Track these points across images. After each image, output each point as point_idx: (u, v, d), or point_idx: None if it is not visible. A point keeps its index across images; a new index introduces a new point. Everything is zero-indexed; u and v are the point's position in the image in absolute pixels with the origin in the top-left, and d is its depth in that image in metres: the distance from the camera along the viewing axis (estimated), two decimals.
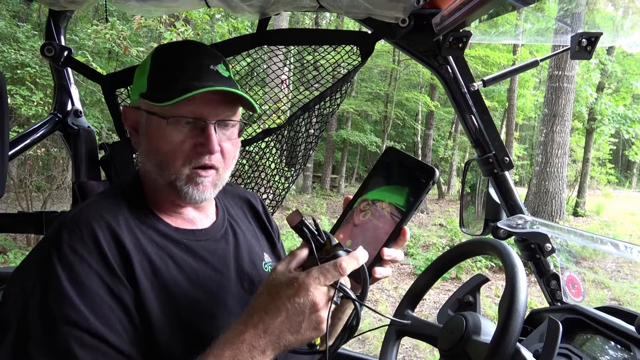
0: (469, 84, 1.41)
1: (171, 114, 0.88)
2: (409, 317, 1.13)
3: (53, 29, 1.54)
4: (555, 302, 1.45)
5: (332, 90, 1.53)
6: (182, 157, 0.89)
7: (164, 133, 0.88)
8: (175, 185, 0.90)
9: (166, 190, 0.93)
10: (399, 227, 0.84)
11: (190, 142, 0.89)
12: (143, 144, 0.94)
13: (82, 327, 0.74)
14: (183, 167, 0.90)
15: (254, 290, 1.00)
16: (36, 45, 7.96)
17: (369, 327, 4.78)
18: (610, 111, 13.69)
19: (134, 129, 0.97)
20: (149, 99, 0.90)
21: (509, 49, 13.94)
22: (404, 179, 0.87)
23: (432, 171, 0.84)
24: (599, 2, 2.19)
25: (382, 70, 18.30)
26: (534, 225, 1.34)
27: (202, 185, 0.91)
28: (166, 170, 0.90)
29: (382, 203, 0.87)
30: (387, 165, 0.90)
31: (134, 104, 0.96)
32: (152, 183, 0.95)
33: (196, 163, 0.90)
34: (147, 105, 0.91)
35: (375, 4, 1.24)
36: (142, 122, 0.93)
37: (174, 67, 0.91)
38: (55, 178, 6.89)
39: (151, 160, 0.92)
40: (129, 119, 0.97)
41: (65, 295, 0.75)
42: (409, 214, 0.84)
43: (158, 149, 0.90)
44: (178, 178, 0.90)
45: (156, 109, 0.89)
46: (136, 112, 0.95)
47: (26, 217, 1.61)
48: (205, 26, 7.46)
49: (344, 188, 16.74)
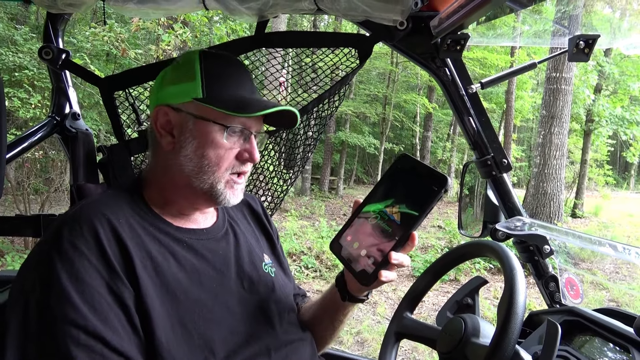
0: (467, 86, 1.42)
1: (229, 123, 0.93)
2: (408, 320, 1.13)
3: (51, 31, 1.54)
4: (554, 304, 1.45)
5: (331, 93, 1.53)
6: (228, 162, 0.95)
7: (218, 139, 0.93)
8: (215, 189, 0.94)
9: (197, 193, 0.95)
10: (407, 233, 0.85)
11: (236, 150, 0.95)
12: (186, 146, 0.94)
13: (79, 325, 0.74)
14: (226, 171, 0.95)
15: (254, 291, 1.00)
16: (34, 47, 7.95)
17: (368, 329, 4.78)
18: (607, 113, 13.72)
19: (167, 131, 0.96)
20: (212, 105, 0.92)
21: (507, 51, 13.99)
22: (416, 185, 0.88)
23: (444, 179, 0.85)
24: (597, 5, 2.19)
25: (380, 72, 18.33)
26: (532, 227, 1.34)
27: (237, 190, 0.98)
28: (209, 174, 0.94)
29: (393, 208, 0.88)
30: (400, 171, 0.92)
31: (174, 105, 0.95)
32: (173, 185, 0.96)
33: (237, 169, 0.97)
34: (203, 110, 0.93)
35: (373, 6, 1.24)
36: (186, 125, 0.94)
37: (231, 79, 0.97)
38: (53, 181, 6.87)
39: (193, 162, 0.94)
40: (163, 120, 0.97)
41: (64, 292, 0.75)
42: (419, 220, 0.85)
43: (207, 153, 0.93)
44: (218, 182, 0.94)
45: (214, 116, 0.92)
46: (177, 114, 0.95)
47: (24, 220, 1.60)
48: (203, 28, 7.46)
49: (343, 190, 16.74)
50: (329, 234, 8.30)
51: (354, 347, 4.49)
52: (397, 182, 0.92)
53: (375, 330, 4.80)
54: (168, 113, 0.96)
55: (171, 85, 0.97)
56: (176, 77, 0.97)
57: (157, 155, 1.00)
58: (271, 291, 1.04)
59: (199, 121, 0.93)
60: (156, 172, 0.99)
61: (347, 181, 19.89)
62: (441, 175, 0.86)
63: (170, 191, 0.97)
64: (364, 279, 0.88)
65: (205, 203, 0.99)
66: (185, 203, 0.98)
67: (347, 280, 1.07)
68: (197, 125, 0.93)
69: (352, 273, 0.90)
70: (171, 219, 0.96)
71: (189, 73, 0.96)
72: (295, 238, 7.93)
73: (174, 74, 0.98)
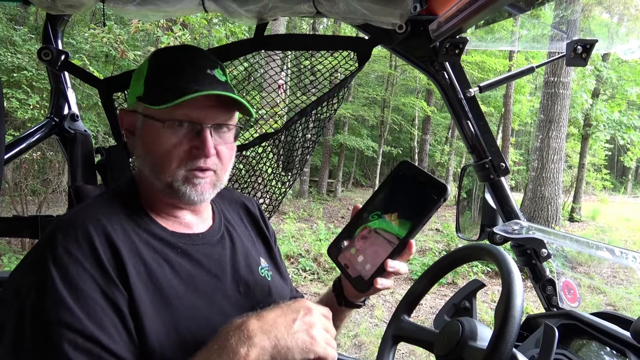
0: (465, 90, 1.42)
1: (167, 117, 0.88)
2: (406, 323, 1.13)
3: (50, 32, 1.54)
4: (552, 308, 1.45)
5: (329, 95, 1.53)
6: (177, 159, 0.90)
7: (159, 136, 0.89)
8: (173, 186, 0.91)
9: (164, 192, 0.93)
10: (405, 241, 0.85)
11: (186, 145, 0.90)
12: (139, 147, 0.94)
13: (76, 329, 0.74)
14: (178, 169, 0.90)
15: (250, 295, 0.99)
16: (33, 48, 7.95)
17: (366, 332, 4.77)
18: (605, 117, 13.77)
19: (130, 132, 0.97)
20: (146, 102, 0.91)
21: (505, 55, 14.02)
22: (416, 193, 0.88)
23: (443, 188, 0.85)
24: (595, 10, 2.21)
25: (379, 75, 18.38)
26: (530, 231, 1.34)
27: (199, 185, 0.92)
28: (162, 173, 0.91)
29: (391, 215, 0.88)
30: (400, 178, 0.92)
31: (131, 107, 0.97)
32: (149, 186, 0.95)
33: (191, 165, 0.91)
34: (144, 108, 0.92)
35: (372, 10, 1.25)
36: (138, 125, 0.94)
37: (171, 70, 0.92)
38: (51, 182, 6.86)
39: (147, 163, 0.93)
40: (126, 122, 0.98)
41: (59, 297, 0.75)
42: (417, 228, 0.85)
43: (153, 151, 0.91)
44: (175, 180, 0.91)
45: (152, 112, 0.90)
46: (133, 115, 0.96)
47: (21, 221, 1.59)
48: (202, 30, 7.47)
49: (341, 193, 16.74)
50: (327, 237, 8.30)
51: (351, 350, 4.48)
52: (397, 189, 0.91)
53: (373, 333, 4.80)
54: (126, 116, 0.97)
55: (131, 87, 0.99)
56: (134, 79, 0.98)
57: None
58: (267, 295, 1.03)
59: (145, 120, 0.92)
60: (139, 176, 0.99)
61: (346, 184, 19.90)
62: (441, 184, 0.85)
63: (150, 192, 0.96)
64: (360, 285, 0.88)
65: (177, 202, 0.96)
66: (166, 204, 0.97)
67: (344, 285, 1.07)
68: (143, 124, 0.93)
69: (349, 279, 0.90)
70: (165, 223, 0.95)
71: (140, 72, 0.96)
72: (293, 241, 7.92)
73: (134, 76, 0.99)
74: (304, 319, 0.78)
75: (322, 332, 0.79)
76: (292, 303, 0.81)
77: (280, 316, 0.77)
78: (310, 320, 0.78)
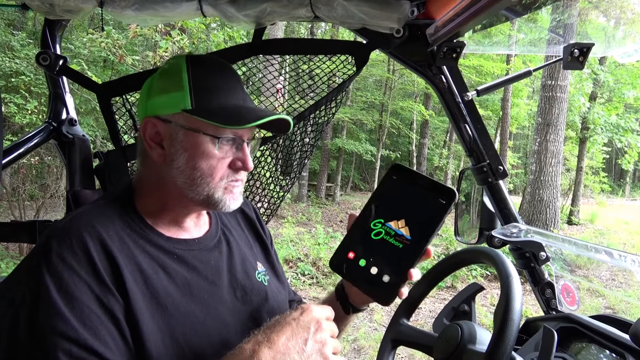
0: (462, 94, 1.43)
1: (222, 134, 0.91)
2: (404, 326, 1.13)
3: (49, 37, 1.54)
4: (550, 311, 1.45)
5: (327, 99, 1.53)
6: (221, 172, 0.93)
7: (210, 150, 0.91)
8: (214, 197, 0.93)
9: (192, 202, 0.94)
10: (423, 248, 0.84)
11: (229, 159, 0.94)
12: (177, 159, 0.92)
13: (71, 338, 0.73)
14: (221, 181, 0.93)
15: (247, 300, 0.99)
16: (31, 53, 7.96)
17: (365, 337, 4.76)
18: (603, 120, 13.80)
19: (156, 143, 0.94)
20: (202, 117, 0.89)
21: (503, 59, 14.07)
22: (421, 198, 0.86)
23: (452, 193, 0.84)
24: (592, 14, 2.22)
25: (377, 79, 18.42)
26: (528, 234, 1.34)
27: (236, 194, 0.96)
28: (203, 185, 0.92)
29: (398, 222, 0.86)
30: (397, 183, 0.90)
31: (163, 116, 0.93)
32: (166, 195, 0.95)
33: (232, 177, 0.95)
34: (193, 121, 0.90)
35: (370, 14, 1.25)
36: (176, 137, 0.92)
37: (220, 87, 0.95)
38: (49, 187, 6.84)
39: (185, 175, 0.92)
40: (152, 131, 0.94)
41: (54, 306, 0.74)
42: (432, 235, 0.84)
43: (199, 164, 0.91)
44: (215, 191, 0.93)
45: (205, 127, 0.90)
46: (166, 125, 0.92)
47: (19, 226, 1.59)
48: (201, 35, 7.48)
49: (339, 197, 16.74)
50: (326, 241, 8.29)
51: (351, 354, 4.47)
52: (396, 194, 0.89)
53: (372, 337, 4.79)
54: (157, 125, 0.93)
55: (158, 95, 0.94)
56: (163, 86, 0.94)
57: (148, 167, 0.98)
58: (264, 300, 1.03)
59: (189, 132, 0.91)
60: (149, 182, 0.97)
61: (344, 188, 19.88)
62: (448, 188, 0.84)
63: (165, 200, 0.95)
64: (383, 298, 0.85)
65: (203, 209, 1.00)
66: (183, 210, 0.97)
67: (348, 293, 1.07)
68: (187, 136, 0.91)
69: (364, 291, 0.88)
70: (163, 229, 0.94)
71: (176, 82, 0.93)
72: (291, 245, 7.92)
73: (161, 83, 0.95)
74: (315, 336, 0.78)
75: (331, 346, 0.79)
76: (300, 316, 0.79)
77: (291, 339, 0.76)
78: (321, 338, 0.78)
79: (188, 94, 0.92)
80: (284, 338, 0.76)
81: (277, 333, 0.77)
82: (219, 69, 0.98)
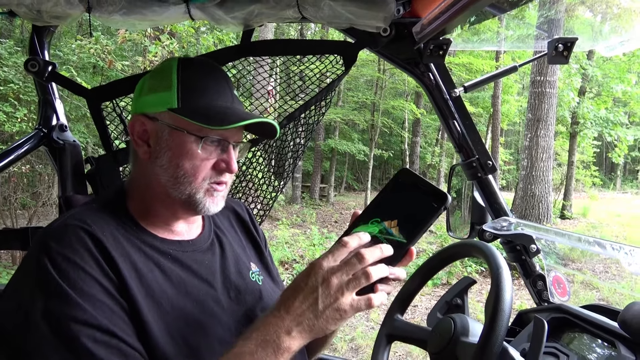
0: (450, 90, 1.44)
1: (206, 134, 0.91)
2: (399, 322, 1.14)
3: (37, 44, 1.54)
4: (542, 302, 1.47)
5: (317, 99, 1.54)
6: (204, 173, 0.93)
7: (193, 150, 0.91)
8: (194, 198, 0.93)
9: (175, 202, 0.95)
10: (406, 248, 0.85)
11: (213, 160, 0.94)
12: (162, 157, 0.93)
13: (92, 324, 0.75)
14: (203, 181, 0.94)
15: (241, 300, 1.00)
16: (19, 61, 7.88)
17: (362, 336, 4.77)
18: (592, 115, 13.92)
19: (143, 140, 0.96)
20: (186, 116, 0.90)
21: (492, 56, 14.16)
22: (416, 201, 0.87)
23: (444, 196, 0.85)
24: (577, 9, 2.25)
25: (368, 79, 18.45)
26: (518, 227, 1.36)
27: (217, 197, 0.96)
28: (185, 185, 0.92)
29: (392, 222, 0.87)
30: (400, 186, 0.91)
31: (150, 114, 0.95)
32: (152, 195, 0.96)
33: (215, 179, 0.95)
34: (178, 120, 0.91)
35: (356, 14, 1.26)
36: (161, 135, 0.93)
37: (208, 88, 0.96)
38: (41, 195, 6.79)
39: (170, 173, 0.93)
40: (139, 129, 0.95)
41: (67, 296, 0.75)
42: (417, 236, 0.85)
43: (182, 163, 0.92)
44: (197, 191, 0.93)
45: (189, 127, 0.91)
46: (153, 123, 0.94)
47: (11, 233, 1.58)
48: (190, 39, 7.47)
49: (333, 197, 16.75)
50: (321, 242, 8.30)
51: (348, 353, 4.48)
52: (397, 196, 0.90)
53: (369, 336, 4.80)
54: (144, 122, 0.95)
55: (148, 94, 0.96)
56: (153, 86, 0.96)
57: (136, 165, 0.99)
58: (259, 299, 1.04)
59: (174, 131, 0.92)
60: (137, 182, 0.98)
61: (338, 188, 19.92)
62: (441, 192, 0.86)
63: (151, 201, 0.96)
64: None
65: (185, 212, 0.98)
66: (167, 213, 0.97)
67: None
68: (172, 135, 0.92)
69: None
70: (156, 231, 0.95)
71: (165, 82, 0.95)
72: (287, 246, 7.92)
73: (151, 82, 0.97)
74: (325, 293, 0.75)
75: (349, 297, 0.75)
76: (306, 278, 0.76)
77: (304, 301, 0.75)
78: (332, 293, 0.75)
79: (175, 93, 0.93)
80: (297, 302, 0.75)
81: (291, 299, 0.76)
82: (208, 71, 0.99)
